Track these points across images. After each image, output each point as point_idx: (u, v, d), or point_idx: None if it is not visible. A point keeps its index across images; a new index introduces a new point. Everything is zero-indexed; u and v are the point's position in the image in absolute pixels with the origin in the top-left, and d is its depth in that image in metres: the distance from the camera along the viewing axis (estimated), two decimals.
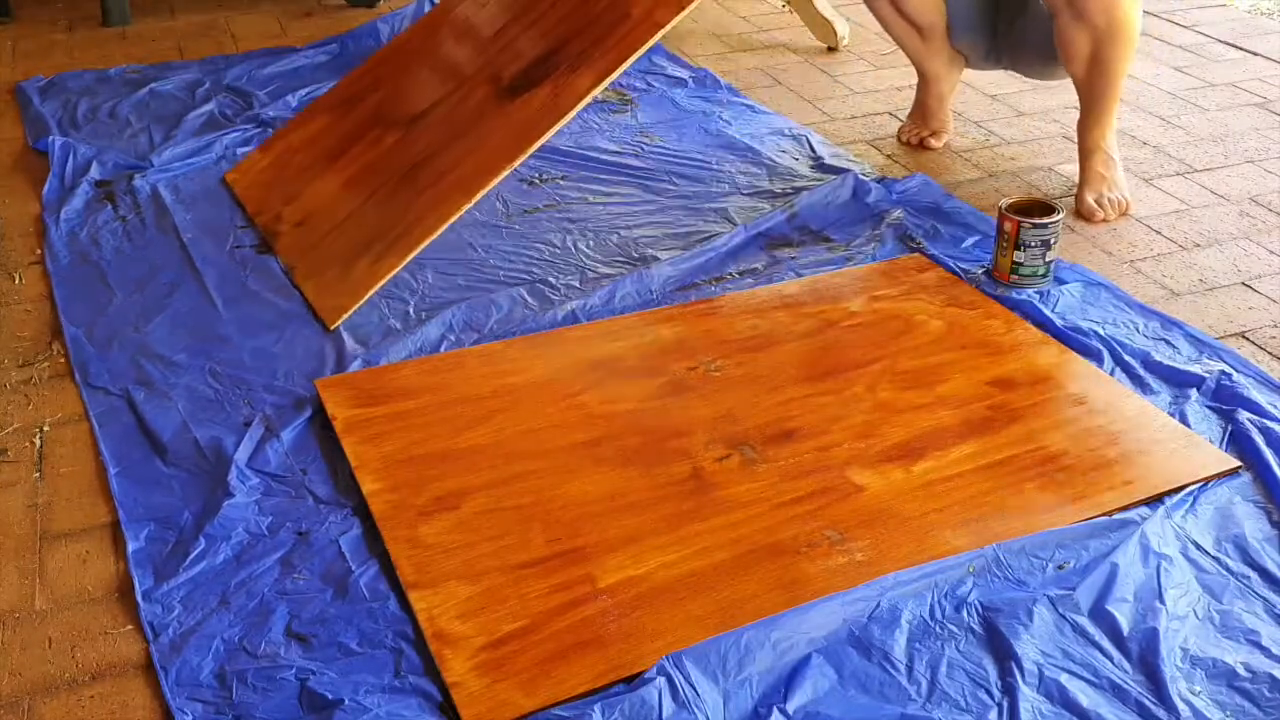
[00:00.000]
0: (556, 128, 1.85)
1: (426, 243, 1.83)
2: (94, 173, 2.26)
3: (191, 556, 1.35)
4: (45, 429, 1.60)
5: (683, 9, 1.87)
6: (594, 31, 1.96)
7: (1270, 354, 1.76)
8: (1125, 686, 1.18)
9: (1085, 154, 2.20)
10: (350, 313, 1.79)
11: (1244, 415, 1.56)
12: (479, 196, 1.84)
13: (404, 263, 1.82)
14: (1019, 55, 2.33)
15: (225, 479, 1.46)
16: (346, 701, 1.16)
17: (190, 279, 1.93)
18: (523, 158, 1.85)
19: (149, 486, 1.48)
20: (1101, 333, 1.76)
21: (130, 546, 1.37)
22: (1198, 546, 1.36)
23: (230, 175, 2.26)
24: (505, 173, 1.85)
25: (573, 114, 1.85)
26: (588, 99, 1.84)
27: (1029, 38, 2.26)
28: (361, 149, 2.11)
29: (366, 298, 1.80)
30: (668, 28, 1.86)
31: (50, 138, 2.38)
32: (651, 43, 1.86)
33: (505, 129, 1.92)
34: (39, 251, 2.03)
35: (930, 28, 2.31)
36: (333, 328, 1.78)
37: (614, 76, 1.85)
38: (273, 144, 2.28)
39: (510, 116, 1.94)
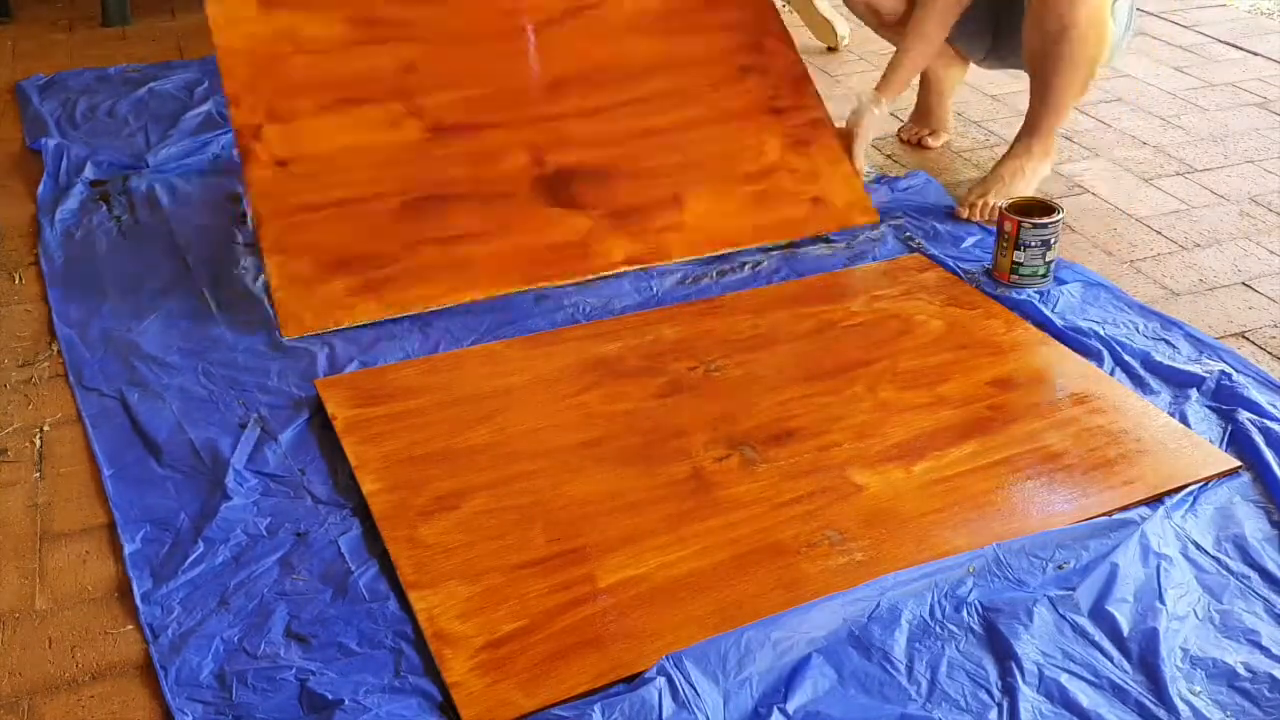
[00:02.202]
0: (571, 281, 1.91)
1: (403, 314, 1.81)
2: (89, 173, 2.26)
3: (191, 558, 1.34)
4: (45, 429, 1.60)
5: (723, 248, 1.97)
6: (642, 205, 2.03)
7: (1270, 354, 1.76)
8: (1125, 686, 1.18)
9: (1009, 155, 2.17)
10: (309, 334, 1.76)
11: (1244, 415, 1.56)
12: (465, 300, 1.85)
13: (376, 318, 1.80)
14: (1019, 53, 2.30)
15: (222, 480, 1.45)
16: (346, 702, 1.16)
17: (184, 279, 1.93)
18: (526, 288, 1.89)
19: (144, 488, 1.47)
20: (1101, 333, 1.76)
21: (127, 549, 1.37)
22: (1198, 546, 1.36)
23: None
24: (496, 293, 1.87)
25: (591, 277, 1.92)
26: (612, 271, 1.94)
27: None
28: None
29: (332, 329, 1.78)
30: (688, 259, 1.97)
31: (44, 140, 2.38)
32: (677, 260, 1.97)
33: (525, 243, 1.94)
34: (37, 252, 2.03)
35: (890, 13, 2.25)
36: (287, 338, 1.75)
37: (639, 267, 1.95)
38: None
39: (537, 229, 1.95)
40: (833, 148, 2.15)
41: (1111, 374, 1.68)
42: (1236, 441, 1.53)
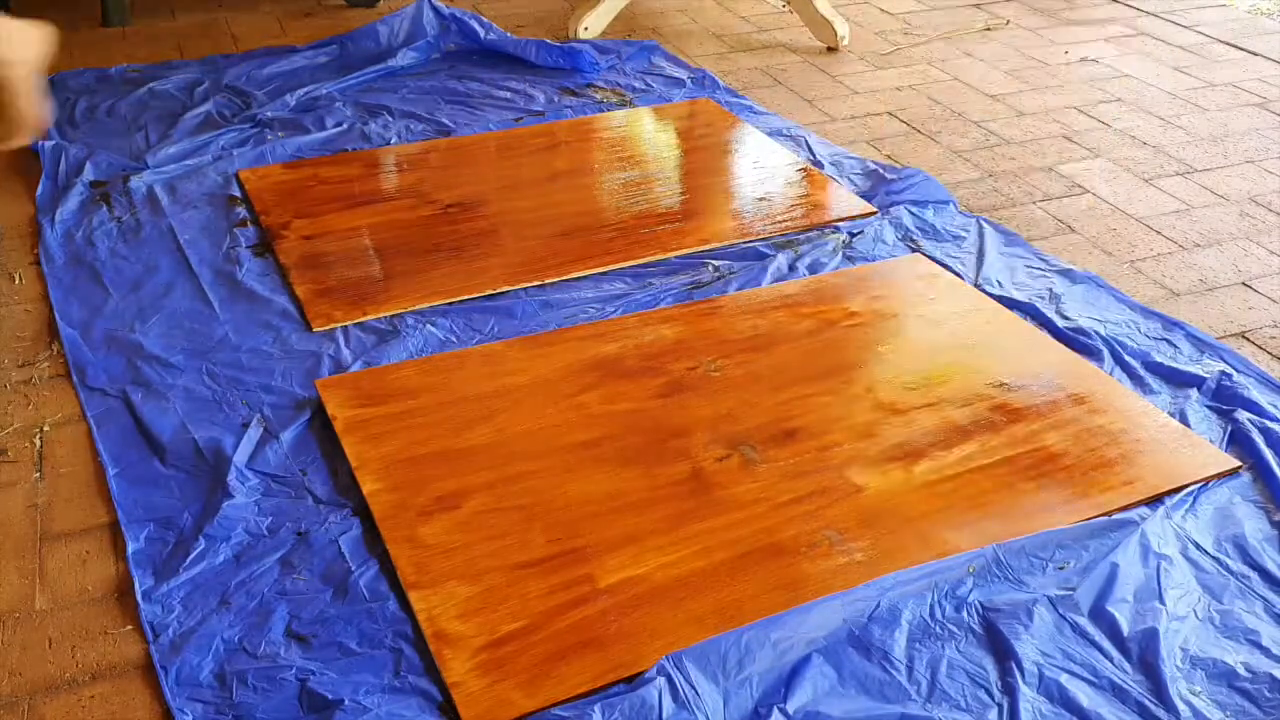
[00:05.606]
0: (589, 271, 1.95)
1: (435, 304, 1.85)
2: (88, 174, 2.26)
3: (191, 557, 1.34)
4: (45, 429, 1.60)
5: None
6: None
7: (1270, 354, 1.76)
8: (1125, 686, 1.18)
9: None
10: (337, 325, 1.79)
11: (1244, 415, 1.56)
12: (491, 290, 1.89)
13: (407, 309, 1.83)
14: None
15: (224, 479, 1.45)
16: (346, 701, 1.16)
17: (186, 279, 1.93)
18: (551, 279, 1.92)
19: (148, 487, 1.48)
20: (1102, 333, 1.76)
21: (130, 547, 1.37)
22: (1198, 546, 1.36)
23: (244, 173, 2.26)
24: (529, 283, 1.91)
25: (591, 272, 1.95)
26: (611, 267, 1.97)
27: None
28: (392, 208, 2.15)
29: (361, 319, 1.80)
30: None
31: (39, 141, 2.37)
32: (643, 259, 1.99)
33: (546, 248, 2.00)
34: (38, 252, 2.03)
35: None
36: (316, 330, 1.78)
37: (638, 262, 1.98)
38: (299, 166, 2.31)
39: (555, 246, 2.01)
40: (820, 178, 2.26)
41: (1112, 374, 1.68)
42: (1236, 441, 1.54)
